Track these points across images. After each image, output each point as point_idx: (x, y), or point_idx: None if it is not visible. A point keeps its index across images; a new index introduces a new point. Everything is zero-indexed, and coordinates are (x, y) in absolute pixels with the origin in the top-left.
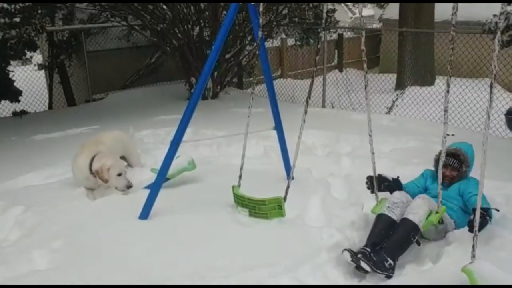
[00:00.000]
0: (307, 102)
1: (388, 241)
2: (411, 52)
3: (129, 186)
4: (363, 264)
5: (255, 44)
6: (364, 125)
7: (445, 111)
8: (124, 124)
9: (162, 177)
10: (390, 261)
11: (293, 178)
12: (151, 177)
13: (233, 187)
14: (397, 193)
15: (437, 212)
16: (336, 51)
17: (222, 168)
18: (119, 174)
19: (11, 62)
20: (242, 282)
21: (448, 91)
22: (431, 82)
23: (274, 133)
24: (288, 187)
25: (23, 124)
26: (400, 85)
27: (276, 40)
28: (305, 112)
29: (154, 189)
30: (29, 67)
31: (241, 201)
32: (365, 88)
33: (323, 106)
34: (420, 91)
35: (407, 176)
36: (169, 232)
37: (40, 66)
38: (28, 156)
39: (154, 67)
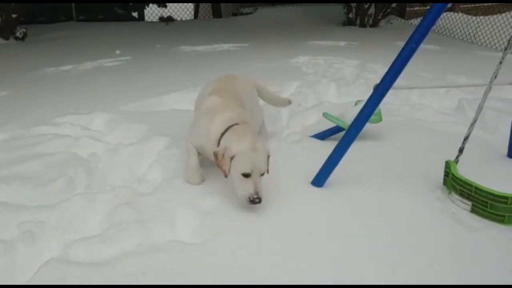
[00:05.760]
0: None
1: None
2: None
3: (253, 201)
4: None
5: None
6: None
7: None
8: (275, 45)
9: (350, 139)
10: None
11: None
12: (318, 122)
13: (448, 164)
14: None
15: None
16: None
17: (409, 124)
18: (246, 175)
19: None
20: None
21: None
22: None
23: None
24: None
25: (169, 31)
26: None
27: None
28: None
29: (337, 153)
30: None
31: (461, 187)
32: None
33: None
34: None
35: None
36: (349, 215)
37: None
38: (173, 70)
39: None
